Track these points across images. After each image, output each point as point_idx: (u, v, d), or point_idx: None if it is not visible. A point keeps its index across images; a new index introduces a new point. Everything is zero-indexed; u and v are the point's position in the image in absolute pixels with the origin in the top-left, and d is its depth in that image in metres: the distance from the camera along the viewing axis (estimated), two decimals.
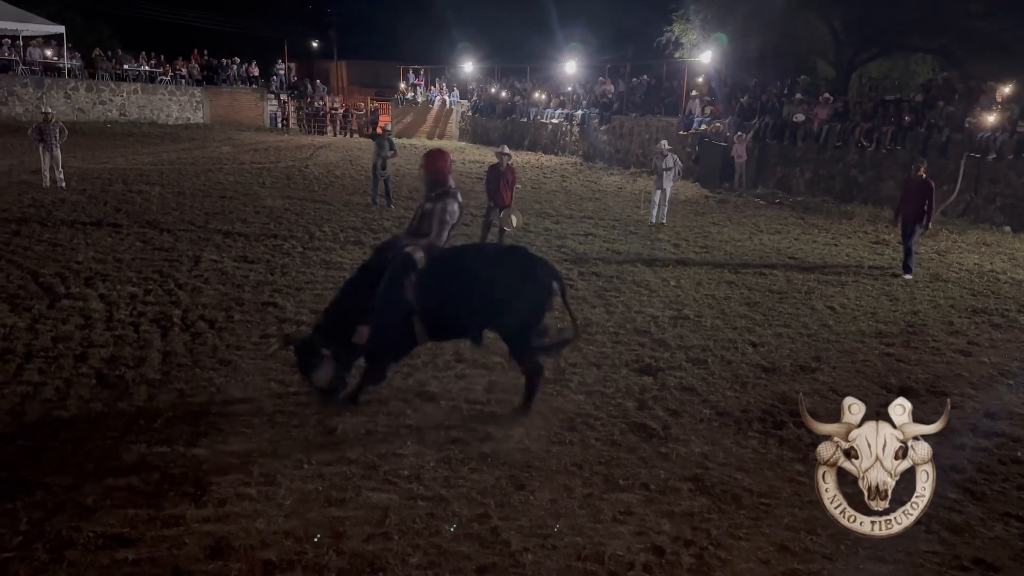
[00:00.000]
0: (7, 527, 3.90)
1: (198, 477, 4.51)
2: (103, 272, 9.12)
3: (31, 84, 29.63)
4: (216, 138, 28.61)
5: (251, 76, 37.28)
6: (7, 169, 17.29)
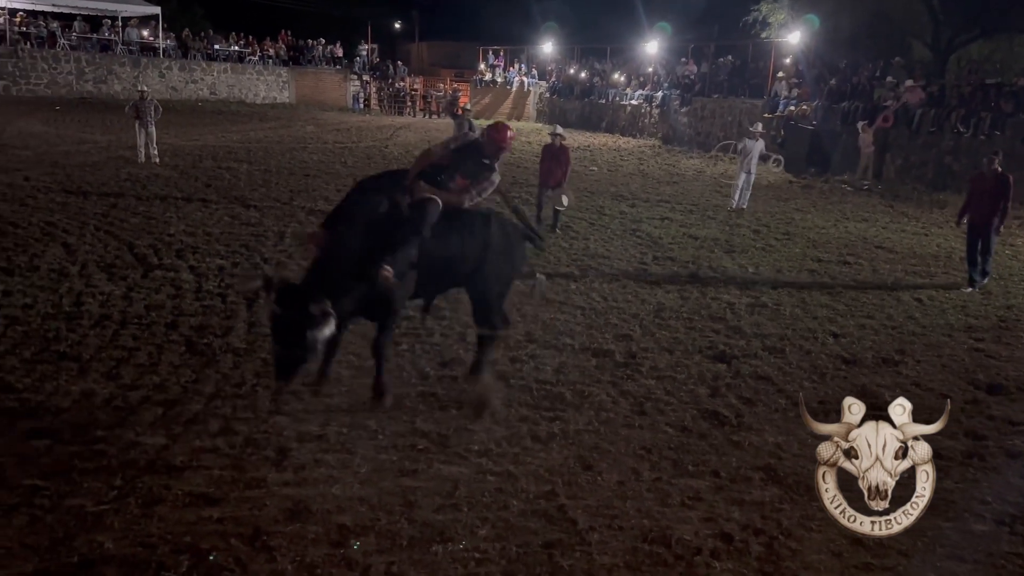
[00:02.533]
0: (104, 482, 4.15)
1: (279, 443, 4.70)
2: (193, 245, 9.52)
3: (128, 63, 30.96)
4: (301, 117, 29.35)
5: (335, 57, 38.01)
6: (106, 145, 18.15)
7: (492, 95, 37.01)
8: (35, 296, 7.22)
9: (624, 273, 9.53)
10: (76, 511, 3.86)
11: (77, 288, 7.55)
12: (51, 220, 10.28)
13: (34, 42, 29.20)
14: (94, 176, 13.93)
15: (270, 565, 3.52)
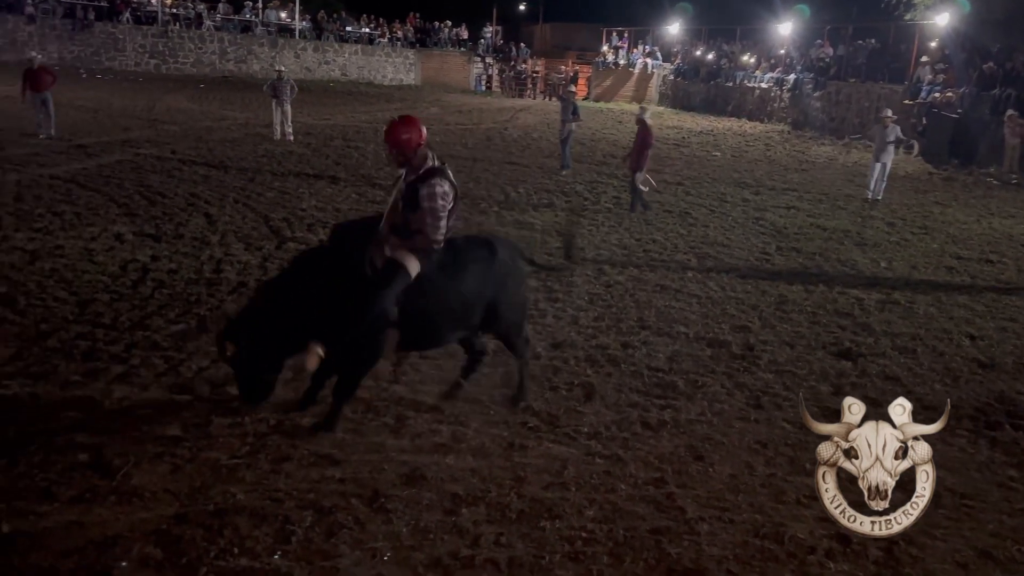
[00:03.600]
0: (237, 438, 4.45)
1: (398, 411, 4.89)
2: (323, 220, 9.95)
3: (267, 44, 32.52)
4: (425, 99, 30.02)
5: (460, 39, 38.57)
6: (244, 122, 19.19)
7: (614, 77, 36.58)
8: (179, 262, 7.77)
9: (745, 263, 9.27)
10: (212, 463, 4.16)
11: (217, 256, 8.06)
12: (195, 192, 10.99)
13: (183, 23, 31.12)
14: (234, 151, 14.77)
15: (387, 527, 3.68)
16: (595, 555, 3.58)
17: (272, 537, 3.54)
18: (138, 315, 6.30)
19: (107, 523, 3.58)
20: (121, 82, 25.42)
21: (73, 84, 22.89)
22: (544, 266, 5.65)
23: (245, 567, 3.33)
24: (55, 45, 27.81)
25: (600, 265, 8.70)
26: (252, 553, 3.42)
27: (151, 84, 25.73)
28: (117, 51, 29.15)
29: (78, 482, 3.89)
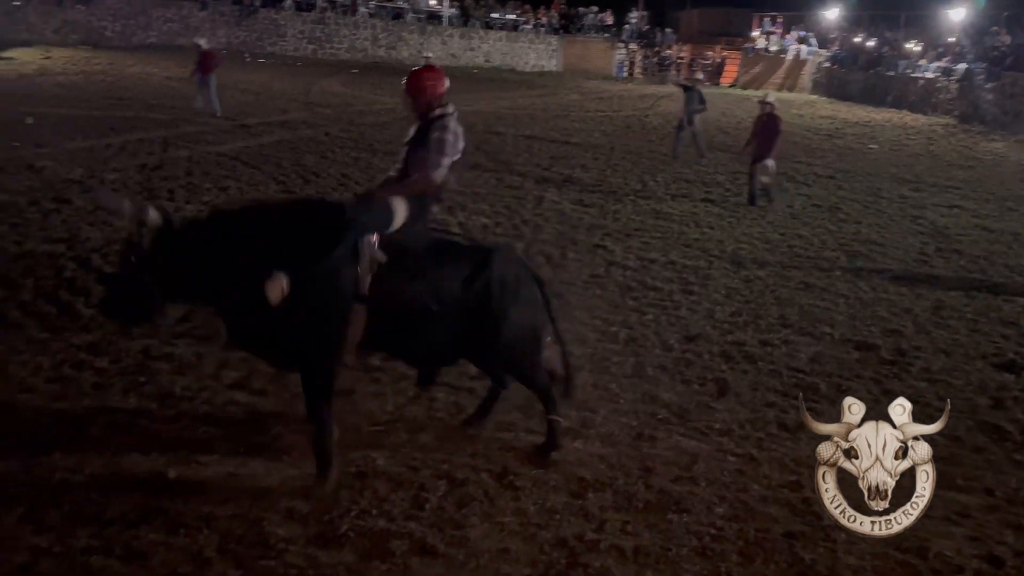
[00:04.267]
0: (378, 406, 4.69)
1: (527, 394, 4.96)
2: (462, 203, 10.20)
3: (416, 30, 33.51)
4: (566, 85, 30.01)
5: (604, 25, 38.23)
6: (392, 107, 19.82)
7: (764, 64, 35.16)
8: None
9: (899, 263, 8.73)
10: (355, 428, 4.39)
11: None
12: (346, 172, 11.52)
13: (339, 10, 32.56)
14: (382, 135, 15.35)
15: (515, 503, 3.77)
16: (724, 553, 3.52)
17: (407, 503, 3.71)
18: None
19: (260, 476, 3.86)
20: (281, 66, 26.94)
21: (239, 68, 24.49)
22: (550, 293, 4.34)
23: (382, 528, 3.51)
24: (223, 30, 29.83)
25: (740, 259, 8.45)
26: (389, 516, 3.60)
27: (308, 69, 27.12)
28: (278, 36, 30.91)
29: (236, 437, 4.21)
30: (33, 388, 4.55)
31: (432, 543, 3.45)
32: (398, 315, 3.82)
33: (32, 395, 4.48)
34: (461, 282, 3.88)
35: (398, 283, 3.77)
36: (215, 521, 3.45)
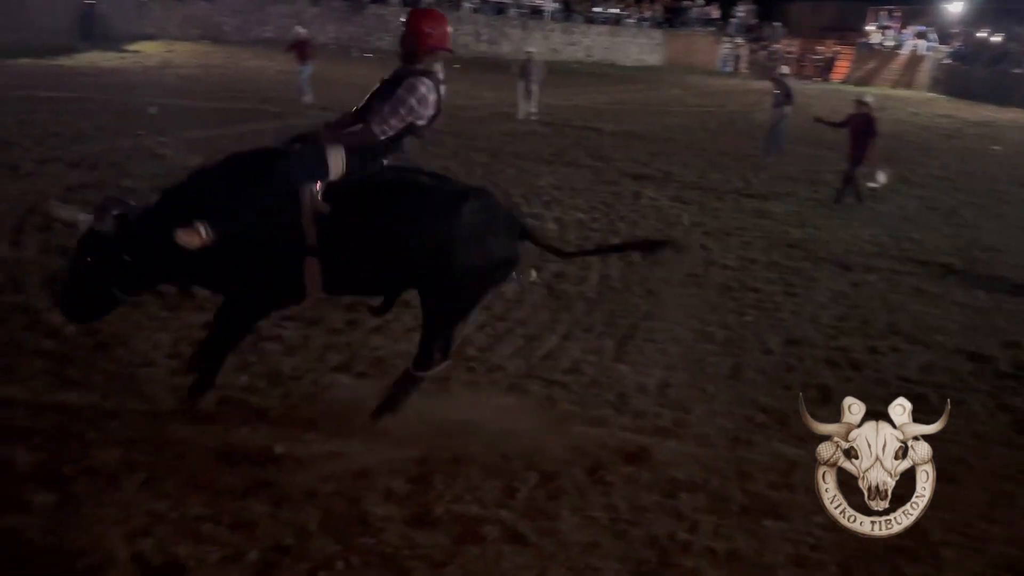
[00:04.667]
0: (472, 397, 4.77)
1: (620, 389, 4.96)
2: (559, 198, 10.22)
3: (518, 25, 33.67)
4: (668, 80, 29.55)
5: (710, 18, 37.41)
6: (492, 101, 20.07)
7: (878, 60, 33.63)
8: None
9: (1020, 271, 8.21)
10: (449, 415, 4.48)
11: None
12: (446, 165, 11.69)
13: (443, 5, 33.04)
14: (481, 129, 15.54)
15: (605, 499, 3.77)
16: (822, 563, 3.42)
17: (499, 491, 3.77)
18: None
19: (359, 456, 3.99)
20: (386, 61, 27.46)
21: (346, 62, 25.25)
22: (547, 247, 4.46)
23: (475, 514, 3.58)
24: (333, 25, 30.80)
25: (848, 261, 8.14)
26: (482, 502, 3.67)
27: None
28: (384, 31, 31.63)
29: (338, 417, 4.37)
30: (153, 362, 4.85)
31: (523, 532, 3.49)
32: (352, 263, 3.80)
33: (152, 369, 4.77)
34: (420, 228, 3.77)
35: (349, 232, 3.72)
36: (317, 497, 3.60)
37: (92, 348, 4.84)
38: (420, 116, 3.77)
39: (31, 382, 4.49)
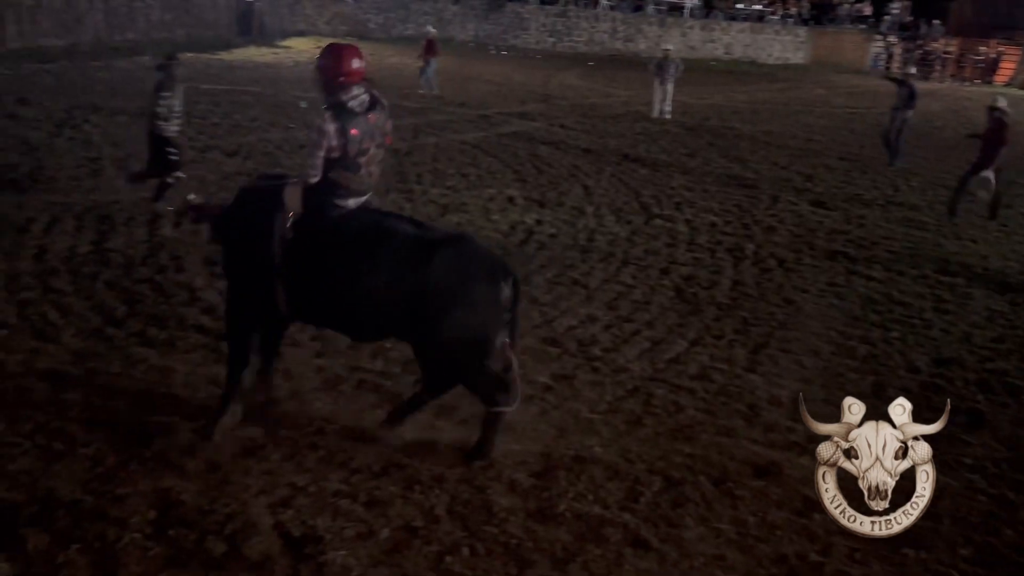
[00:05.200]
0: (597, 394, 4.78)
1: (751, 400, 4.82)
2: (691, 199, 10.02)
3: (656, 23, 33.17)
4: (812, 79, 28.29)
5: (861, 16, 35.50)
6: (626, 99, 19.89)
7: None
8: (559, 228, 8.41)
9: None
10: (574, 413, 4.52)
11: (591, 226, 8.57)
12: (576, 164, 11.74)
13: (580, 3, 33.04)
14: (613, 127, 15.45)
15: (733, 512, 3.68)
16: None
17: (622, 493, 3.76)
18: (521, 271, 6.93)
19: None
20: (522, 59, 27.89)
21: (484, 60, 25.73)
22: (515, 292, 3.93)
23: (597, 514, 3.59)
24: (472, 24, 31.43)
25: (1007, 278, 7.55)
26: (604, 503, 3.67)
27: (547, 61, 27.84)
28: (522, 30, 32.01)
29: (464, 407, 4.47)
30: (299, 343, 5.13)
31: (646, 536, 3.47)
32: (310, 294, 3.92)
33: (297, 349, 5.05)
34: (390, 272, 3.75)
35: (311, 262, 3.86)
36: (446, 483, 3.72)
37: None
38: (337, 148, 3.84)
39: (190, 354, 4.88)
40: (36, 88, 13.49)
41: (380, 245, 3.80)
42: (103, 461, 3.67)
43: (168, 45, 20.39)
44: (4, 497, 3.35)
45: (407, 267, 3.74)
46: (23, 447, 3.73)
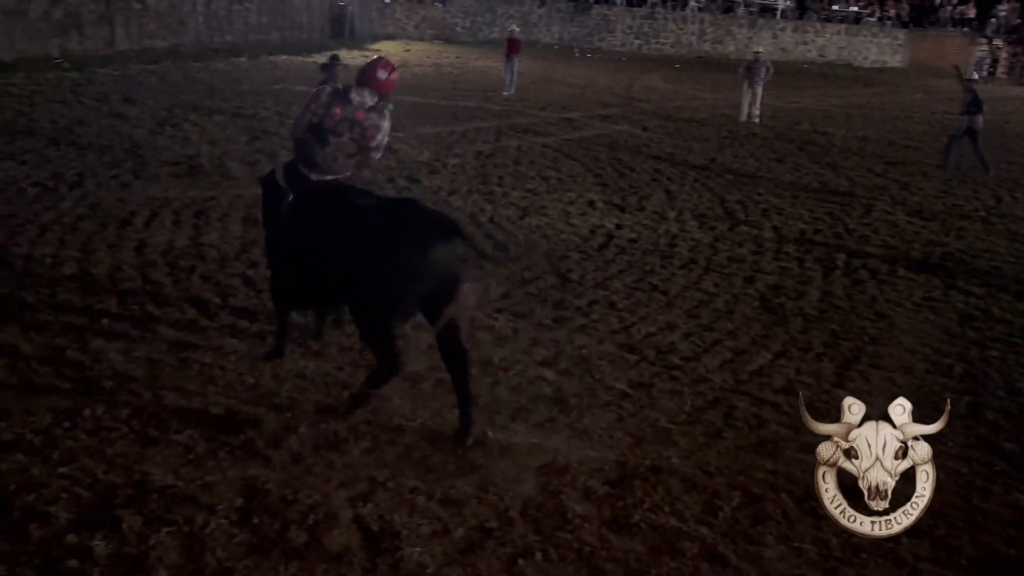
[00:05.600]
0: (676, 404, 4.70)
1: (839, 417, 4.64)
2: (779, 206, 9.75)
3: (746, 24, 32.45)
4: (911, 84, 27.18)
5: (964, 18, 33.86)
6: (712, 102, 19.53)
7: None
8: (639, 232, 8.32)
9: None
10: (652, 422, 4.45)
11: (673, 231, 8.45)
12: (659, 168, 11.60)
13: (668, 4, 32.62)
14: (699, 131, 15.18)
15: (815, 531, 3.56)
16: None
17: (700, 506, 3.69)
18: (600, 275, 6.94)
19: (559, 451, 4.07)
20: (607, 61, 27.74)
21: (568, 62, 25.71)
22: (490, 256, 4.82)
23: (673, 527, 3.53)
24: (558, 26, 31.46)
25: None
26: (680, 516, 3.61)
27: (631, 63, 27.61)
28: (607, 32, 31.84)
29: (541, 411, 4.49)
30: None
31: (723, 552, 3.39)
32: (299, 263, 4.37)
33: None
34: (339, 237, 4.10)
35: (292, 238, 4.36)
36: (520, 485, 3.72)
37: (331, 322, 5.31)
38: (316, 115, 4.43)
39: None
40: (141, 88, 14.21)
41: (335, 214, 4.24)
42: (194, 448, 3.83)
43: (264, 47, 21.25)
44: (102, 479, 3.53)
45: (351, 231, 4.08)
46: (121, 431, 3.92)
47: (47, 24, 15.86)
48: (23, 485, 3.43)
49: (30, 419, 3.93)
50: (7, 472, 3.51)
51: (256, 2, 22.31)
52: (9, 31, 15.06)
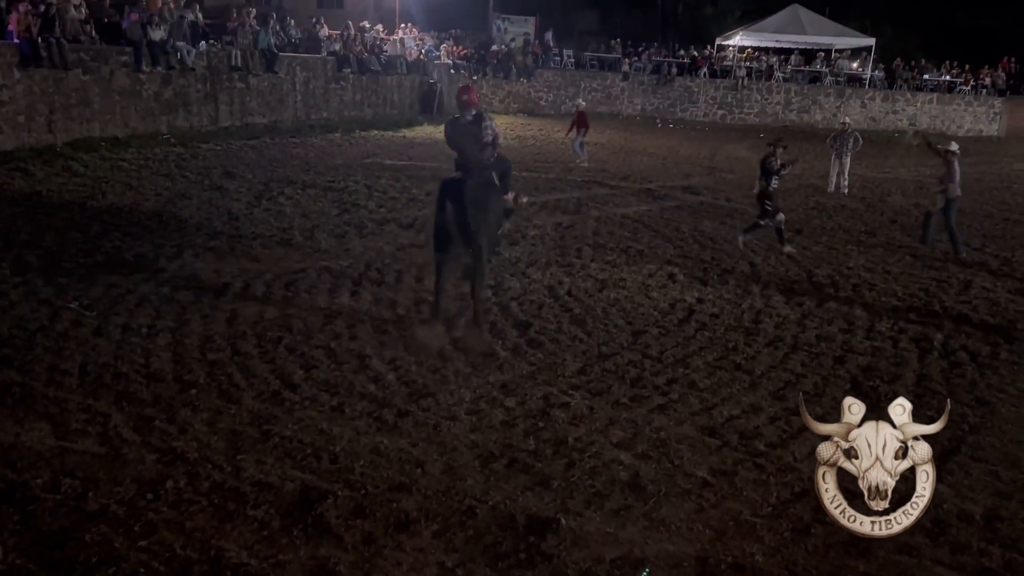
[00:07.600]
0: (761, 495, 4.47)
1: (936, 515, 4.29)
2: (870, 281, 9.40)
3: (833, 93, 32.07)
4: (1009, 153, 26.10)
5: None
6: (799, 172, 19.15)
7: None
8: (722, 307, 8.13)
9: None
10: (734, 514, 4.25)
11: (757, 306, 8.22)
12: (754, 241, 11.37)
13: (753, 75, 32.60)
14: (784, 201, 14.77)
15: None
16: None
17: None
18: (681, 352, 6.79)
19: (635, 543, 3.93)
20: (689, 131, 27.80)
21: (649, 133, 25.86)
22: None
23: None
24: (640, 98, 31.82)
25: None
26: None
27: (715, 134, 27.57)
28: (691, 103, 31.99)
29: (617, 497, 4.35)
30: (455, 417, 5.24)
31: None
32: None
33: (453, 423, 5.15)
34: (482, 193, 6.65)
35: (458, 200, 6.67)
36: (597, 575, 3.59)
37: (407, 396, 5.35)
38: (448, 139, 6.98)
39: (355, 422, 5.09)
40: (241, 162, 15.03)
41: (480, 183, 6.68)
42: (269, 524, 3.87)
43: (358, 123, 22.22)
44: (179, 554, 3.59)
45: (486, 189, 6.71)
46: (200, 504, 4.00)
47: (158, 103, 17.07)
48: (104, 558, 3.52)
49: (116, 489, 4.07)
50: (90, 544, 3.62)
51: (351, 80, 23.45)
52: (124, 110, 16.26)
